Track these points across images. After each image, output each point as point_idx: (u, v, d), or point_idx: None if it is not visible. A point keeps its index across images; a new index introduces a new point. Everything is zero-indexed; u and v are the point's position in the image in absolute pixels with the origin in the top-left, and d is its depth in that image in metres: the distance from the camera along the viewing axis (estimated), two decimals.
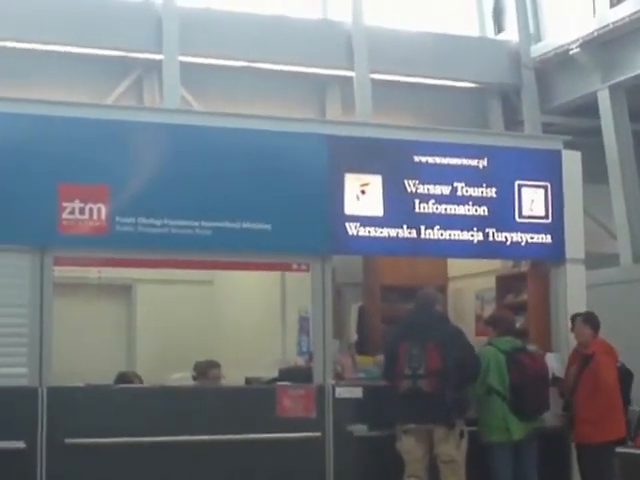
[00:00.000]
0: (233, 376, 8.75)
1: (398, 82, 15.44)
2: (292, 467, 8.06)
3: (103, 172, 7.96)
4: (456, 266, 10.35)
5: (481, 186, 8.97)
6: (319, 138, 8.58)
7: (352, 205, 8.55)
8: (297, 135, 8.59)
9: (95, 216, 7.88)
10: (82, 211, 7.85)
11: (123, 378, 8.63)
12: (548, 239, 9.14)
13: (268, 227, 8.27)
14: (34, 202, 7.76)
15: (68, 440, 7.49)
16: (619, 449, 8.83)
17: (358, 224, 8.54)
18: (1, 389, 7.47)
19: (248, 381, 8.70)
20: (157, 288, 10.52)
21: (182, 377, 8.81)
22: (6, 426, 7.42)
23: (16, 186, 7.74)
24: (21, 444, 7.43)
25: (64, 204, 7.81)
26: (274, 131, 8.53)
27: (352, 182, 8.58)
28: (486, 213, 8.96)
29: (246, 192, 8.28)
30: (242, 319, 10.28)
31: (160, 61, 14.28)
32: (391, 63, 15.15)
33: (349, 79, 15.03)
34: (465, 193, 8.93)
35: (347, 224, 8.51)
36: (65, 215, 7.81)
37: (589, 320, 8.76)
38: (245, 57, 14.70)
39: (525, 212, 9.10)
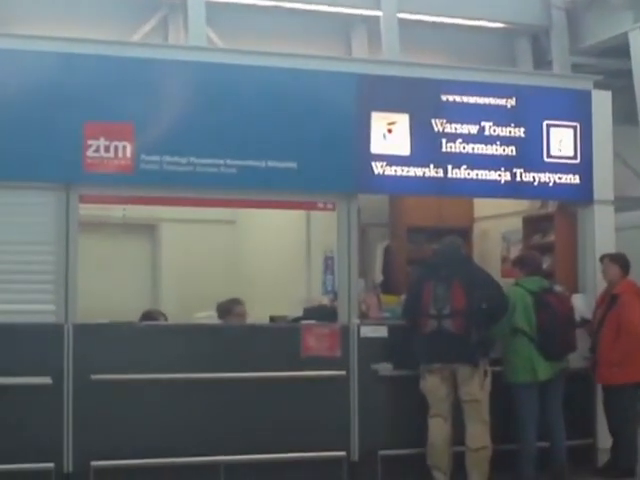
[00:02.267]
0: (258, 314, 8.75)
1: (425, 22, 15.21)
2: (316, 405, 8.09)
3: (128, 110, 7.94)
4: (482, 207, 10.30)
5: (509, 125, 8.90)
6: (346, 76, 8.50)
7: (378, 144, 8.50)
8: (324, 73, 8.51)
9: (120, 154, 7.86)
10: (107, 149, 7.83)
11: (148, 316, 8.66)
12: (576, 180, 9.06)
13: (294, 165, 8.22)
14: (60, 140, 7.76)
15: (94, 376, 7.54)
16: None
17: (384, 163, 8.48)
18: (28, 326, 7.54)
19: (273, 319, 8.70)
20: (181, 227, 10.52)
21: (207, 316, 8.83)
22: (33, 362, 7.49)
23: (42, 124, 7.73)
24: (48, 380, 7.48)
25: (89, 142, 7.80)
26: (301, 69, 8.49)
27: (379, 121, 8.52)
28: (514, 153, 8.89)
29: (272, 130, 8.24)
30: (267, 258, 10.28)
31: (185, 0, 14.14)
32: (419, 2, 14.93)
33: (376, 19, 14.84)
34: (493, 133, 8.86)
35: (373, 163, 8.46)
36: (90, 153, 7.80)
37: (617, 259, 8.68)
38: None
39: (553, 152, 9.02)
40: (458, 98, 8.79)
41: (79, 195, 7.83)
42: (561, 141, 9.04)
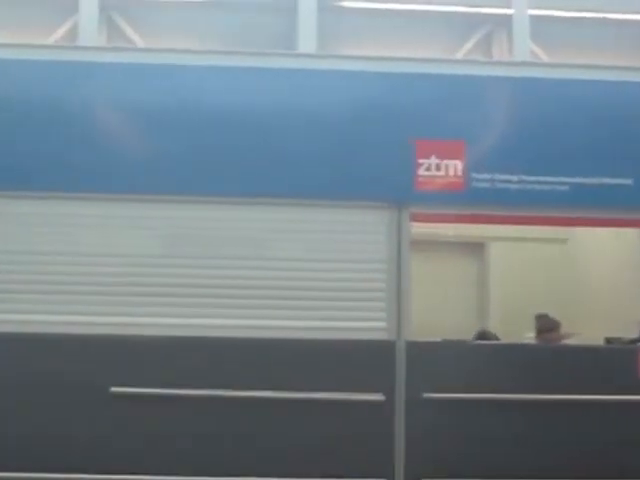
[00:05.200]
0: (592, 336, 8.50)
1: None
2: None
3: (458, 127, 7.92)
4: None
5: None
6: None
7: None
8: None
9: (451, 172, 7.86)
10: (438, 167, 7.86)
11: (482, 336, 8.61)
12: None
13: (629, 182, 7.92)
14: (390, 159, 7.85)
15: (426, 395, 7.56)
16: None
17: None
18: (361, 342, 7.65)
19: (608, 341, 8.44)
20: (510, 246, 10.41)
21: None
22: (366, 378, 7.59)
23: (372, 143, 7.86)
24: (380, 396, 7.57)
25: (420, 160, 7.85)
26: (624, 81, 8.16)
27: None
28: None
29: (604, 145, 7.98)
30: (601, 277, 9.98)
31: (510, 16, 14.13)
32: None
33: None
34: None
35: None
36: (421, 171, 7.85)
37: None
38: (591, 8, 14.23)
39: None
40: None
41: (410, 214, 7.89)
42: None
